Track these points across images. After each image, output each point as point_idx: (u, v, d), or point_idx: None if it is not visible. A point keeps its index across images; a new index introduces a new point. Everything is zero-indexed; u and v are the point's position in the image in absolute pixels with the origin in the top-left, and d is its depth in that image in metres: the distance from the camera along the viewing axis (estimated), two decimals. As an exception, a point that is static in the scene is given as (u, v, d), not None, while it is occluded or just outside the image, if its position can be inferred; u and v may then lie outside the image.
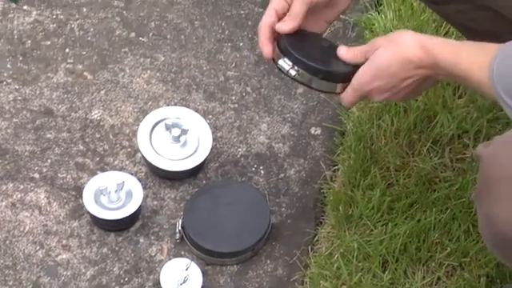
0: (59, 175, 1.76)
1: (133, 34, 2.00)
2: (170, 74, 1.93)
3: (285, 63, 1.42)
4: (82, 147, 1.81)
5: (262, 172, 1.80)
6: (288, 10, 1.45)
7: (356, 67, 1.41)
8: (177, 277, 1.62)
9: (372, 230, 1.67)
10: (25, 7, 2.02)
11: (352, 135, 1.80)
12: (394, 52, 1.35)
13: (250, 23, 2.02)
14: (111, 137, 1.83)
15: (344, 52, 1.43)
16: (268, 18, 1.45)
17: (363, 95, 1.42)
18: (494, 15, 1.47)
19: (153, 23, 2.02)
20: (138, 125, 1.78)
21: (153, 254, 1.68)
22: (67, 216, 1.72)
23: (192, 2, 2.06)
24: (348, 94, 1.43)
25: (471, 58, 1.28)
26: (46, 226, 1.70)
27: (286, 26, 1.43)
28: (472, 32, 1.59)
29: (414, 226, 1.66)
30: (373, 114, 1.81)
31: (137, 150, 1.79)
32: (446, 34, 1.93)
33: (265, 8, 1.47)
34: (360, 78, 1.40)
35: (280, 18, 1.45)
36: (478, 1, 1.48)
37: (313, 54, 1.44)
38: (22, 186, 1.75)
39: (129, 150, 1.81)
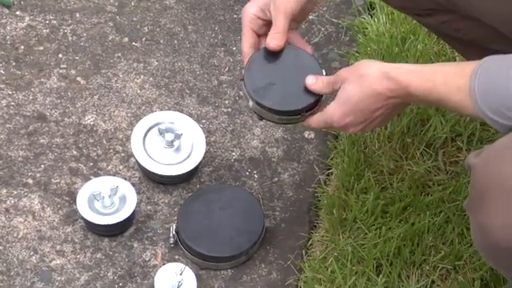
0: (53, 180, 1.76)
1: (126, 39, 2.00)
2: (164, 79, 1.93)
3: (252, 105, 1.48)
4: (75, 152, 1.81)
5: (256, 176, 1.80)
6: (263, 24, 1.48)
7: (320, 96, 1.45)
8: (171, 281, 1.61)
9: (366, 234, 1.67)
10: (17, 12, 2.02)
11: (345, 139, 1.80)
12: (361, 86, 1.35)
13: (243, 27, 2.02)
14: (105, 142, 1.83)
15: (312, 82, 1.44)
16: (251, 39, 1.49)
17: (334, 128, 1.43)
18: (479, 24, 1.45)
19: (146, 28, 2.02)
20: (132, 130, 1.78)
21: (147, 259, 1.68)
22: (61, 221, 1.71)
23: (185, 7, 2.06)
24: (316, 121, 1.45)
25: (448, 81, 1.26)
26: (40, 232, 1.70)
27: (277, 42, 1.45)
28: (458, 42, 1.58)
29: (408, 230, 1.66)
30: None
31: (130, 155, 1.79)
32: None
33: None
34: (331, 115, 1.41)
35: (259, 35, 1.49)
36: (462, 11, 1.47)
37: (278, 90, 1.46)
38: (15, 192, 1.74)
39: (122, 154, 1.81)
